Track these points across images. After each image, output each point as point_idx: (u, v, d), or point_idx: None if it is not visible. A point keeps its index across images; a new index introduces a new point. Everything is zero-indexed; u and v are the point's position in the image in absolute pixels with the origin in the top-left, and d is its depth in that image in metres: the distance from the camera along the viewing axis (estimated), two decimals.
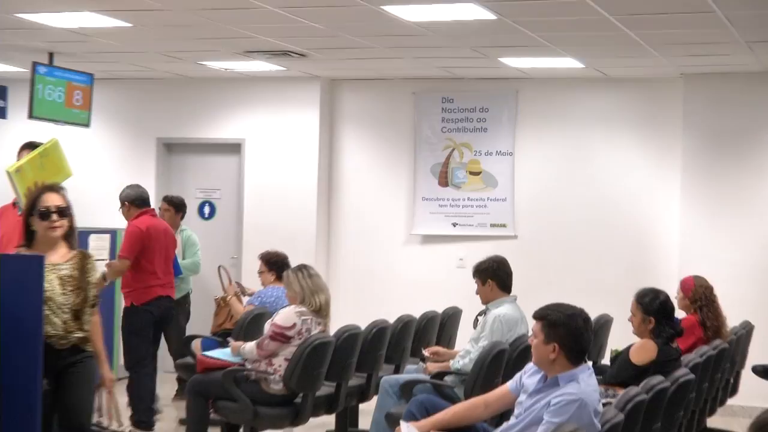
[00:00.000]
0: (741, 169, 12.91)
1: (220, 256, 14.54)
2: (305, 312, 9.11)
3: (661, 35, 10.71)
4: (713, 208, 12.98)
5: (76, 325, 6.56)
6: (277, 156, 14.68)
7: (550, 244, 13.44)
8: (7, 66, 13.91)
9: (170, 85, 15.13)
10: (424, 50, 12.11)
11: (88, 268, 6.66)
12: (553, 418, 5.86)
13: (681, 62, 12.45)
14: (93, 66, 13.22)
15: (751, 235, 12.80)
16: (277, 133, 14.70)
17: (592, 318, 6.54)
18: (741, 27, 10.04)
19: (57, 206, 6.52)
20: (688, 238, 13.00)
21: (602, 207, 13.56)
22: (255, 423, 9.11)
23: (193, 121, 15.15)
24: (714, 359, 9.36)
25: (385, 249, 14.43)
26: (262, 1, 9.54)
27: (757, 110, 12.87)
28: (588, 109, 13.77)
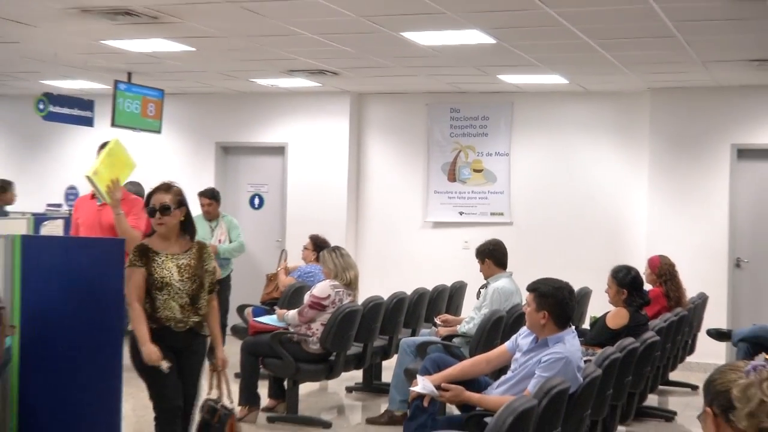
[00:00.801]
0: (697, 168, 12.85)
1: (267, 239, 14.77)
2: (338, 285, 9.16)
3: (632, 56, 10.65)
4: (675, 200, 12.93)
5: (192, 310, 6.33)
6: (314, 157, 14.64)
7: (540, 229, 13.37)
8: (94, 83, 13.92)
9: (226, 98, 15.09)
10: (435, 69, 12.04)
11: (205, 257, 6.44)
12: (543, 373, 5.89)
13: (648, 78, 12.37)
14: (164, 83, 13.20)
15: (706, 221, 12.75)
16: (314, 138, 14.67)
17: (575, 290, 6.56)
18: (697, 49, 10.01)
19: (161, 204, 6.29)
20: (654, 224, 12.94)
21: (583, 199, 13.50)
22: (297, 377, 9.14)
23: (245, 128, 15.14)
24: (675, 324, 9.36)
25: (403, 233, 14.38)
26: (302, 28, 9.55)
27: (711, 119, 12.80)
28: (571, 117, 13.69)
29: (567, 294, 6.18)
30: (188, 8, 8.84)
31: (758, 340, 9.99)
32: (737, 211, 12.81)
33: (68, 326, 6.55)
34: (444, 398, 6.28)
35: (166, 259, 6.27)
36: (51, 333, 6.60)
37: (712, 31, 9.19)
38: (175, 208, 6.33)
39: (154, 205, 6.31)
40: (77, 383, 6.34)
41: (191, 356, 6.43)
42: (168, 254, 6.26)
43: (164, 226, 6.31)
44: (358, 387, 10.66)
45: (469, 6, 8.43)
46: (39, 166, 15.61)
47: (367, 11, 8.76)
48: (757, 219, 12.89)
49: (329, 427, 8.98)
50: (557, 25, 8.93)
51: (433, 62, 11.44)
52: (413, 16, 8.91)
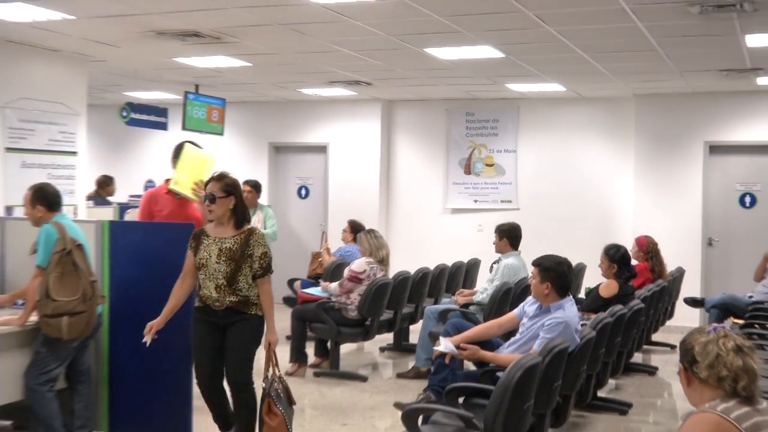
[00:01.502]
0: (675, 162, 12.77)
1: (311, 224, 14.85)
2: (372, 262, 9.19)
3: (620, 67, 10.58)
4: (656, 188, 12.86)
5: (230, 291, 5.89)
6: (351, 154, 14.65)
7: (542, 214, 13.30)
8: (167, 94, 13.95)
9: (277, 105, 15.09)
10: (453, 79, 11.99)
11: (251, 243, 5.93)
12: (546, 335, 5.90)
13: (633, 86, 12.28)
14: (225, 93, 13.21)
15: (683, 207, 12.69)
16: (351, 138, 14.66)
17: (572, 264, 6.54)
18: (675, 61, 9.95)
19: (211, 193, 5.98)
20: (639, 209, 12.87)
21: (578, 188, 13.43)
22: (338, 339, 9.20)
23: (293, 130, 15.13)
24: (657, 293, 9.35)
25: (427, 218, 14.36)
26: (341, 46, 9.55)
27: (687, 119, 12.72)
28: (568, 119, 13.61)
29: (566, 268, 6.18)
30: (246, 30, 8.85)
31: (727, 307, 9.98)
32: (709, 198, 12.74)
33: (147, 295, 6.59)
34: (462, 356, 6.29)
35: (212, 243, 5.95)
36: (133, 301, 6.64)
37: (687, 46, 9.12)
38: (222, 197, 5.95)
39: (206, 194, 6.10)
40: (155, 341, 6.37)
41: (233, 334, 5.99)
42: (217, 238, 5.96)
43: (213, 213, 6.01)
44: (390, 347, 10.68)
45: (482, 26, 8.39)
46: (122, 164, 15.68)
47: (395, 31, 8.75)
48: (725, 205, 12.79)
49: (365, 381, 8.99)
50: (556, 41, 8.90)
51: (451, 73, 11.39)
52: (434, 35, 8.88)
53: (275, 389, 5.80)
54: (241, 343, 5.99)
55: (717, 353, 3.07)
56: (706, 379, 3.08)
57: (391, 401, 7.90)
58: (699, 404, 3.15)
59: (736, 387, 3.05)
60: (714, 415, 3.02)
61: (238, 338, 5.98)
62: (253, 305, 5.98)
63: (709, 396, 3.11)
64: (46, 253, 6.12)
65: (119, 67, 11.54)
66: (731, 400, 3.05)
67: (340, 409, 7.92)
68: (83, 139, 11.03)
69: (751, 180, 12.70)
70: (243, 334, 5.98)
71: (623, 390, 8.81)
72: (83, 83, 11.07)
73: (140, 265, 6.68)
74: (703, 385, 3.13)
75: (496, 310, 8.38)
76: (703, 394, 3.14)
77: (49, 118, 10.53)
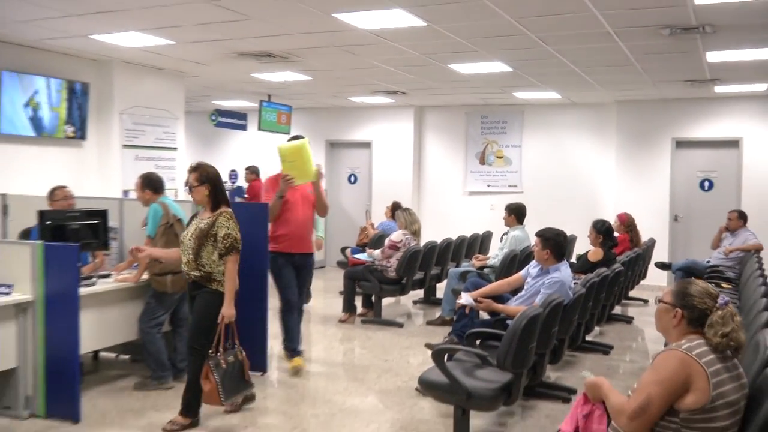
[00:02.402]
0: (648, 154, 12.61)
1: (359, 204, 14.76)
2: (407, 233, 9.16)
3: (604, 78, 10.45)
4: (633, 175, 12.69)
5: (194, 266, 5.24)
6: (390, 149, 14.56)
7: (541, 196, 13.15)
8: (246, 102, 13.98)
9: (332, 110, 15.04)
10: (471, 89, 11.91)
11: (216, 225, 5.25)
12: (547, 291, 5.86)
13: (615, 93, 12.12)
14: (291, 101, 13.23)
15: (654, 190, 12.54)
16: (390, 136, 14.57)
17: (567, 235, 6.48)
18: (649, 73, 9.81)
19: (188, 183, 5.45)
20: (619, 191, 12.71)
21: (571, 175, 13.29)
22: (380, 294, 9.20)
23: (345, 130, 15.06)
24: (634, 259, 9.26)
25: (450, 199, 14.27)
26: (382, 63, 9.54)
27: (658, 120, 12.53)
28: (562, 120, 13.44)
29: (562, 238, 6.13)
30: (308, 51, 8.85)
31: (689, 269, 9.88)
32: (675, 183, 12.57)
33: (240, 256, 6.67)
34: (479, 308, 6.26)
35: (194, 223, 5.39)
36: None
37: (659, 61, 8.99)
38: (196, 185, 5.33)
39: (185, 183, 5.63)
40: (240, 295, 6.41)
41: (195, 304, 5.36)
42: (200, 219, 5.38)
43: (194, 199, 5.47)
44: (420, 300, 10.63)
45: (494, 46, 8.33)
46: (211, 158, 15.69)
47: (425, 51, 8.70)
48: (688, 188, 12.60)
49: (402, 327, 8.98)
50: (554, 58, 8.83)
51: (469, 84, 11.31)
52: (457, 54, 8.82)
53: (216, 359, 5.14)
54: (197, 312, 5.36)
55: (732, 327, 3.05)
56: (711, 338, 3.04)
57: (422, 342, 7.91)
58: (673, 341, 3.12)
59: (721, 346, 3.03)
60: (679, 352, 3.01)
61: (196, 308, 5.37)
62: (215, 281, 5.26)
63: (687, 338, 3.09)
64: (153, 225, 6.20)
65: (209, 81, 11.59)
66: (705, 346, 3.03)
67: (382, 348, 7.94)
68: (181, 138, 11.12)
69: (709, 168, 12.52)
70: (200, 305, 5.32)
71: (606, 335, 8.76)
72: (181, 94, 11.15)
73: None
74: (693, 332, 3.11)
75: (505, 271, 8.34)
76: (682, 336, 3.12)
77: (156, 122, 10.61)
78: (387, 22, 7.24)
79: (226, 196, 5.51)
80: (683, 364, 2.97)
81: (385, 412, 5.83)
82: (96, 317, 5.99)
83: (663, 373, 2.98)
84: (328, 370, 7.14)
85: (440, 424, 5.53)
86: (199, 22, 7.49)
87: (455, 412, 4.88)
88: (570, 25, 7.25)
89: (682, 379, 2.95)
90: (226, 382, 5.13)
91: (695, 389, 2.93)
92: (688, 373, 2.95)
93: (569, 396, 6.16)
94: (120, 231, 7.07)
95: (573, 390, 6.27)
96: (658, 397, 2.96)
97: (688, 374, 2.95)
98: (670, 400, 2.96)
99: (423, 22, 7.17)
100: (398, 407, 5.95)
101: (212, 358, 5.15)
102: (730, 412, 2.94)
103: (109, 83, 9.92)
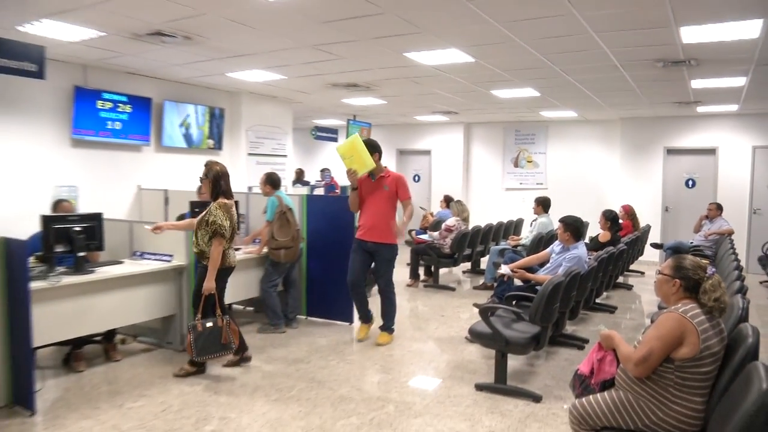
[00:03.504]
0: (645, 159, 12.20)
1: (423, 198, 14.64)
2: (459, 220, 9.07)
3: (612, 101, 10.13)
4: (633, 176, 12.30)
5: (195, 244, 4.92)
6: (445, 155, 14.44)
7: (562, 191, 12.85)
8: (337, 120, 14.04)
9: (401, 126, 14.97)
10: (507, 109, 11.70)
11: (207, 213, 4.85)
12: (567, 264, 5.72)
13: (620, 112, 11.74)
14: (371, 119, 13.25)
15: (650, 187, 12.16)
16: (445, 145, 14.44)
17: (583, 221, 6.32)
18: (646, 95, 9.45)
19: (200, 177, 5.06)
20: (623, 188, 12.33)
21: (584, 175, 12.98)
22: (438, 265, 9.11)
23: (411, 141, 14.99)
24: (634, 240, 9.00)
25: (490, 194, 14.05)
26: (440, 90, 9.43)
27: (653, 133, 12.11)
28: (578, 133, 13.11)
29: (580, 223, 5.96)
30: (384, 81, 8.81)
31: (677, 248, 9.55)
32: (666, 182, 12.16)
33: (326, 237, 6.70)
34: (515, 276, 6.17)
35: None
36: (320, 241, 6.74)
37: (654, 87, 8.66)
38: (204, 178, 4.96)
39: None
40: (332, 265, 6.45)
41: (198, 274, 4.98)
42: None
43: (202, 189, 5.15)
44: (468, 271, 10.51)
45: (526, 76, 8.15)
46: (310, 162, 15.93)
47: (473, 80, 8.57)
48: (676, 186, 12.15)
49: (454, 290, 8.89)
50: (572, 85, 8.59)
51: (506, 106, 11.10)
52: (496, 82, 8.66)
53: (193, 323, 4.81)
54: (197, 282, 4.97)
55: (722, 292, 2.93)
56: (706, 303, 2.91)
57: (470, 302, 7.83)
58: (671, 305, 3.01)
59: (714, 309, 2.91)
60: (677, 314, 2.89)
61: (197, 278, 4.99)
62: (206, 258, 4.86)
63: (682, 303, 2.97)
64: (271, 212, 6.27)
65: (310, 105, 11.66)
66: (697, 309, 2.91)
67: (439, 307, 7.89)
68: (290, 147, 11.22)
69: (692, 170, 12.07)
70: (199, 277, 4.94)
71: (611, 298, 8.54)
72: (290, 115, 11.26)
73: (322, 220, 6.74)
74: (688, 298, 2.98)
75: (534, 249, 8.22)
76: (680, 300, 3.00)
77: (271, 136, 10.74)
78: (444, 59, 7.16)
79: (226, 190, 4.95)
80: (679, 324, 2.86)
81: (442, 354, 5.80)
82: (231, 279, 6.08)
83: (662, 330, 2.89)
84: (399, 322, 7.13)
85: (484, 364, 5.47)
86: (304, 62, 7.53)
87: (496, 355, 4.82)
88: (585, 60, 7.05)
89: (678, 335, 2.85)
90: (200, 342, 4.78)
91: (688, 343, 2.83)
92: (683, 331, 2.85)
93: (583, 344, 6.03)
94: (246, 216, 7.19)
95: (586, 340, 6.13)
96: (658, 349, 2.87)
97: (683, 332, 2.85)
98: (668, 351, 2.86)
99: (472, 58, 7.07)
100: (452, 351, 5.91)
101: (191, 321, 4.88)
102: (713, 359, 2.84)
103: (238, 108, 10.08)
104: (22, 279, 4.18)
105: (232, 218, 4.93)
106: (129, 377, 4.99)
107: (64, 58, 7.42)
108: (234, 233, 4.97)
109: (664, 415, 2.88)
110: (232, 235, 4.94)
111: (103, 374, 5.05)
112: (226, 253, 4.91)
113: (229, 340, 4.89)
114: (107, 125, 8.15)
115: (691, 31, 5.72)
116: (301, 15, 5.51)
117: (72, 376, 4.99)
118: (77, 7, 5.33)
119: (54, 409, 4.32)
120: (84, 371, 5.08)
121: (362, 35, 6.15)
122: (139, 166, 8.74)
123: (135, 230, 5.87)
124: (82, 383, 4.84)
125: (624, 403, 2.98)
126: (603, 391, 3.13)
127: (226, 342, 4.88)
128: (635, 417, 2.94)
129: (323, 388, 4.81)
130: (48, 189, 7.54)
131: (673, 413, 2.86)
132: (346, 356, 5.66)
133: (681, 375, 2.84)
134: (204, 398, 4.57)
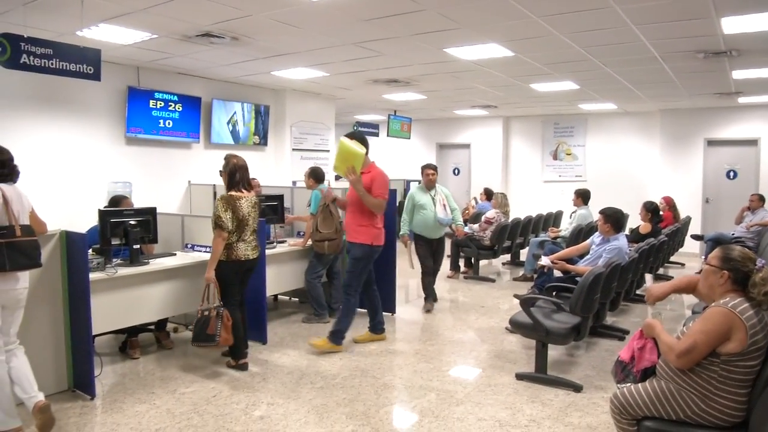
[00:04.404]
0: (685, 151, 11.89)
1: (462, 190, 14.50)
2: (499, 212, 9.00)
3: (651, 93, 9.90)
4: (674, 167, 11.99)
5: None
6: (484, 149, 14.31)
7: (602, 183, 12.58)
8: (379, 116, 14.06)
9: (441, 120, 14.89)
10: (546, 102, 11.54)
11: (214, 206, 4.77)
12: (608, 255, 5.62)
13: (659, 104, 11.45)
14: (411, 114, 13.26)
15: (690, 178, 11.85)
16: (484, 139, 14.32)
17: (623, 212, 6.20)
18: (686, 87, 9.20)
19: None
20: (663, 180, 12.03)
21: (623, 167, 12.74)
22: (478, 257, 9.05)
23: (450, 135, 14.89)
24: (675, 232, 8.80)
25: (530, 186, 13.90)
26: (479, 84, 9.37)
27: (693, 124, 11.78)
28: (617, 125, 12.85)
29: (621, 215, 5.85)
30: (424, 77, 8.79)
31: (717, 240, 9.28)
32: (707, 173, 11.84)
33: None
34: (555, 267, 6.08)
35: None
36: None
37: (694, 79, 8.42)
38: (222, 171, 4.92)
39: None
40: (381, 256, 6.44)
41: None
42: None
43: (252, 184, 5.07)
44: (508, 262, 10.40)
45: (565, 69, 8.02)
46: None
47: (512, 74, 8.48)
48: (717, 177, 11.82)
49: (494, 282, 8.82)
50: (612, 77, 8.43)
51: (544, 99, 10.96)
52: (535, 76, 8.55)
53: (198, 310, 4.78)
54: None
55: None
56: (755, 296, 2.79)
57: (510, 293, 7.77)
58: (715, 298, 2.91)
59: (763, 303, 2.79)
60: (725, 309, 2.79)
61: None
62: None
63: (729, 296, 2.87)
64: (315, 205, 6.32)
65: (352, 101, 11.71)
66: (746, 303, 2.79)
67: (479, 297, 7.84)
68: (332, 143, 11.28)
69: (733, 161, 11.74)
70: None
71: None
72: (332, 111, 11.31)
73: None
74: (735, 291, 2.86)
75: (574, 240, 8.05)
76: (726, 294, 2.87)
77: (314, 131, 10.81)
78: (484, 54, 7.09)
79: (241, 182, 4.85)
80: (727, 319, 2.76)
81: (483, 344, 5.76)
82: (276, 271, 6.18)
83: (709, 324, 2.79)
84: (440, 312, 7.11)
85: (524, 354, 5.42)
86: (346, 59, 7.56)
87: (537, 345, 4.76)
88: (625, 52, 6.90)
89: (725, 331, 2.75)
90: (195, 329, 4.73)
91: (735, 339, 2.73)
92: (731, 326, 2.75)
93: (623, 336, 5.92)
94: (291, 208, 7.25)
95: (627, 331, 6.02)
96: (703, 344, 2.78)
97: (731, 327, 2.75)
98: (713, 346, 2.77)
99: (511, 53, 6.98)
100: (492, 340, 5.87)
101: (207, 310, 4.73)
102: (759, 354, 2.74)
103: (282, 105, 10.18)
104: (82, 270, 4.22)
105: (238, 210, 4.74)
106: (181, 364, 5.10)
107: (119, 60, 7.61)
108: (245, 226, 4.79)
109: (707, 407, 2.81)
110: (241, 228, 4.77)
111: (156, 361, 5.18)
112: (235, 246, 4.75)
113: (216, 332, 4.68)
114: (159, 123, 8.34)
115: (732, 22, 5.53)
116: (343, 14, 5.53)
117: (128, 362, 5.13)
118: (131, 10, 5.46)
119: (112, 393, 4.45)
120: (139, 358, 5.22)
121: (403, 32, 6.14)
122: (189, 163, 8.92)
123: (186, 223, 5.99)
124: (138, 369, 4.98)
125: (666, 393, 2.91)
126: (644, 379, 3.06)
127: (212, 333, 4.69)
128: (677, 408, 2.87)
129: (366, 376, 4.84)
130: (103, 185, 7.76)
131: (716, 405, 2.79)
132: (388, 345, 5.68)
133: (726, 368, 2.76)
134: (253, 384, 4.65)
